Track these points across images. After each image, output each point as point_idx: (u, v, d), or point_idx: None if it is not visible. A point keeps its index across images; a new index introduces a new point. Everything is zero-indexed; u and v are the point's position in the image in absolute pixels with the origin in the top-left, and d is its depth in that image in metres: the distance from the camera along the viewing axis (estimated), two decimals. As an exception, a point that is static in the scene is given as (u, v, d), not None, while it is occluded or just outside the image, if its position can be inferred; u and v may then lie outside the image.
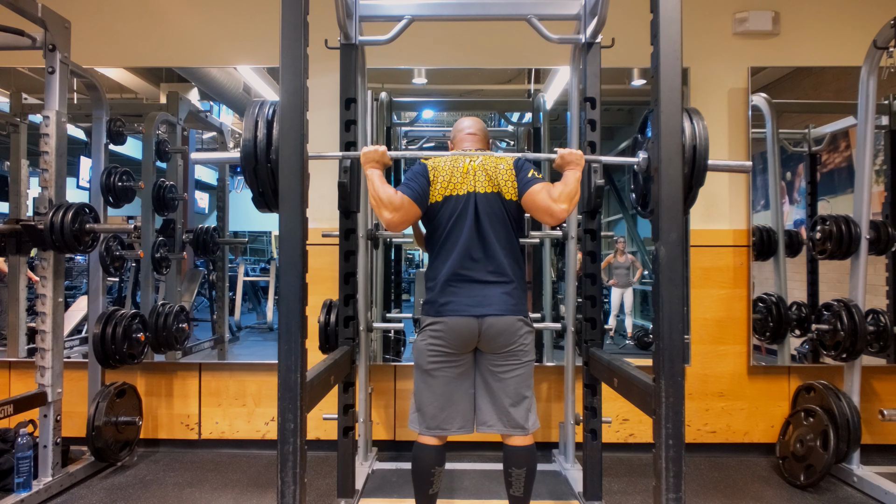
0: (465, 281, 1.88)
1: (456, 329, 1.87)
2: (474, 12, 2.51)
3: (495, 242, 1.88)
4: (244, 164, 1.69)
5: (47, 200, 2.47)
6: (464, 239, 1.88)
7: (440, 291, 1.90)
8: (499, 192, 1.90)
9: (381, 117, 3.30)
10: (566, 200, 1.81)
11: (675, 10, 1.59)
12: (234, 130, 3.75)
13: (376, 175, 1.90)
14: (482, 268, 1.89)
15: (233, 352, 3.59)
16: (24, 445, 2.36)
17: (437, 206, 1.91)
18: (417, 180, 1.91)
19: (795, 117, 3.25)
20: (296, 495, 1.57)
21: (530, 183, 1.87)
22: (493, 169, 1.91)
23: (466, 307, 1.86)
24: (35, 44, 2.48)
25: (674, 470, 1.54)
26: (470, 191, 1.89)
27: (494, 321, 1.86)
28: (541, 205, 1.84)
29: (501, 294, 1.88)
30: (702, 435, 3.10)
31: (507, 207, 1.91)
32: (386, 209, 1.84)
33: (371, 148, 1.93)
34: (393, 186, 1.92)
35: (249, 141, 1.68)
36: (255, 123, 1.69)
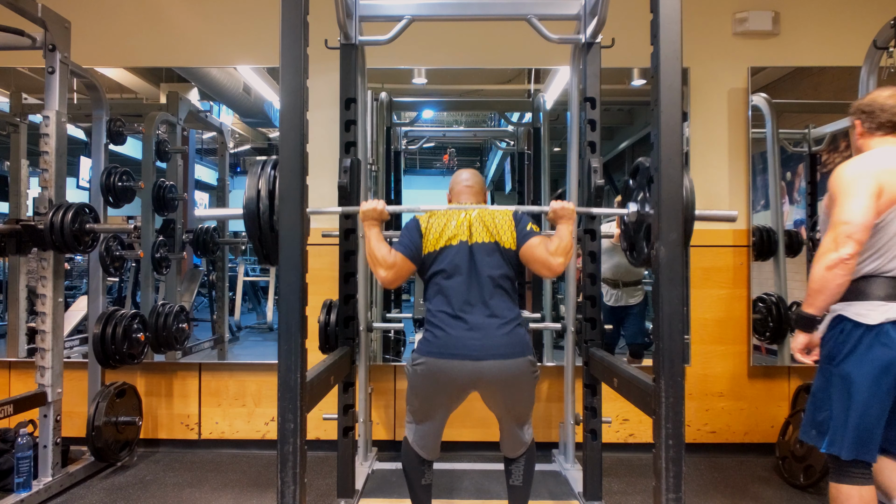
0: (464, 321, 1.82)
1: (447, 376, 1.80)
2: (474, 12, 2.51)
3: (494, 287, 1.85)
4: (247, 220, 1.69)
5: (47, 200, 2.47)
6: (461, 284, 1.85)
7: (436, 322, 1.84)
8: (496, 241, 1.89)
9: (381, 117, 3.30)
10: (563, 254, 1.84)
11: (675, 10, 1.59)
12: (234, 130, 3.75)
13: (374, 234, 1.95)
14: (481, 312, 1.83)
15: (233, 352, 3.59)
16: (24, 445, 2.36)
17: (431, 256, 1.90)
18: (410, 236, 1.93)
19: (795, 117, 3.24)
20: (296, 495, 1.57)
21: (529, 236, 1.90)
22: (490, 220, 1.92)
23: (462, 348, 1.78)
24: (35, 44, 2.48)
25: (674, 470, 1.54)
26: (464, 240, 1.88)
27: (499, 367, 1.78)
28: (539, 258, 1.87)
29: (504, 335, 1.81)
30: (702, 435, 3.10)
31: (506, 255, 1.90)
32: (381, 268, 1.89)
33: (370, 206, 1.96)
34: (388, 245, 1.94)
35: (252, 199, 1.67)
36: (258, 183, 1.69)
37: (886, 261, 1.68)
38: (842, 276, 1.64)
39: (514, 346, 1.81)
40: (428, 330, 1.87)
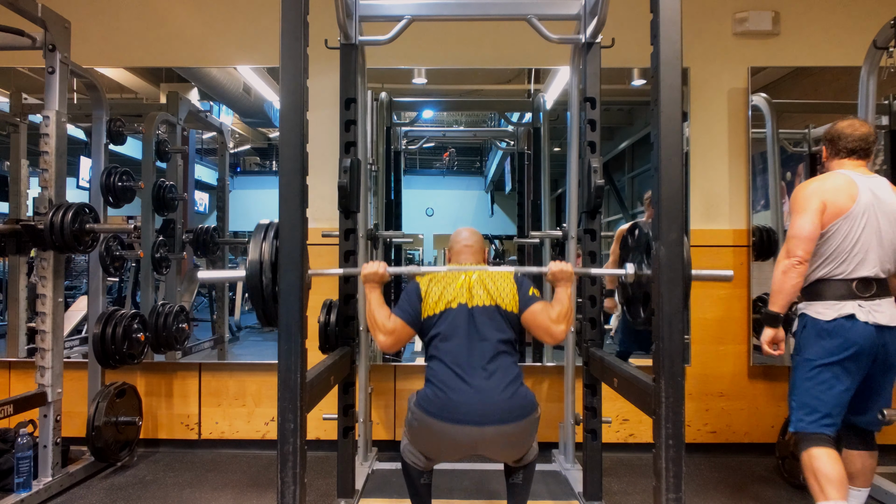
0: (465, 382, 1.78)
1: (449, 440, 1.78)
2: (474, 12, 2.51)
3: (495, 350, 1.83)
4: (249, 281, 1.67)
5: (47, 200, 2.47)
6: (461, 347, 1.83)
7: (436, 389, 1.80)
8: (497, 304, 1.88)
9: (381, 117, 3.30)
10: (564, 321, 1.86)
11: (675, 10, 1.59)
12: (234, 130, 3.75)
13: (375, 297, 1.93)
14: (481, 374, 1.80)
15: (233, 352, 3.59)
16: (24, 445, 2.36)
17: (431, 320, 1.89)
18: (410, 301, 1.93)
19: (795, 117, 3.25)
20: (296, 495, 1.57)
21: (531, 301, 1.90)
22: (490, 283, 1.91)
23: (465, 414, 1.74)
24: (35, 44, 2.48)
25: (674, 470, 1.54)
26: (463, 303, 1.87)
27: (500, 432, 1.75)
28: (542, 325, 1.87)
29: (506, 399, 1.77)
30: (702, 435, 3.10)
31: (507, 318, 1.89)
32: (380, 333, 1.88)
33: (371, 270, 1.94)
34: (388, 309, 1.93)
35: (255, 262, 1.66)
36: (262, 244, 1.68)
37: (835, 266, 1.98)
38: (794, 278, 1.98)
39: (516, 409, 1.77)
40: (428, 386, 1.83)
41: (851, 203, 1.96)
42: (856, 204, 1.96)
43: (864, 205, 1.96)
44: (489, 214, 4.43)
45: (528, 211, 3.50)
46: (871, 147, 2.07)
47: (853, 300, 1.96)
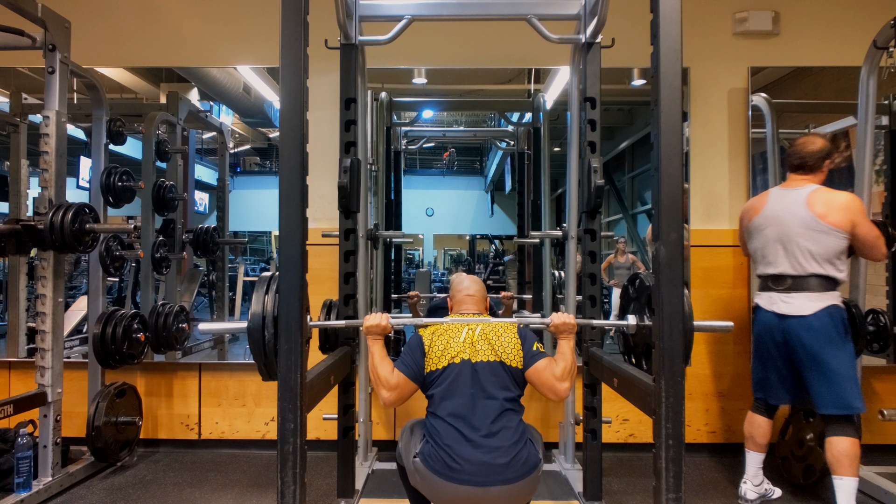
0: (468, 441, 1.75)
1: (448, 499, 1.75)
2: (474, 12, 2.51)
3: (499, 407, 1.81)
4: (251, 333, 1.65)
5: (47, 200, 2.47)
6: (464, 405, 1.80)
7: (438, 447, 1.77)
8: (501, 361, 1.87)
9: (381, 117, 3.30)
10: (568, 378, 1.86)
11: (675, 10, 1.59)
12: (234, 130, 3.75)
13: (377, 350, 1.90)
14: (486, 434, 1.77)
15: (233, 352, 3.59)
16: (24, 445, 2.36)
17: (433, 375, 1.87)
18: (413, 355, 1.90)
19: (795, 117, 3.25)
20: (296, 495, 1.57)
21: (536, 358, 1.88)
22: (494, 338, 1.90)
23: (468, 475, 1.71)
24: (35, 44, 2.48)
25: (674, 470, 1.54)
26: (466, 358, 1.86)
27: (504, 493, 1.72)
28: (546, 383, 1.86)
29: (511, 458, 1.73)
30: (702, 435, 3.10)
31: (511, 374, 1.87)
32: (384, 388, 1.86)
33: (374, 322, 1.92)
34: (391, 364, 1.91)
35: (258, 313, 1.64)
36: (265, 295, 1.66)
37: (757, 265, 2.46)
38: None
39: (521, 468, 1.75)
40: (429, 443, 1.80)
41: (755, 214, 2.42)
42: (758, 216, 2.40)
43: (767, 216, 2.37)
44: (489, 214, 4.43)
45: (528, 211, 3.50)
46: (816, 163, 2.35)
47: (767, 292, 2.39)
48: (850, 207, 2.24)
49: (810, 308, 2.25)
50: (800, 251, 2.28)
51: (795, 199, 2.31)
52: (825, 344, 2.21)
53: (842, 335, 2.22)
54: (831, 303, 2.24)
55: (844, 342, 2.22)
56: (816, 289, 2.26)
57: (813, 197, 2.28)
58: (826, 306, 2.24)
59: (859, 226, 2.23)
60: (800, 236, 2.27)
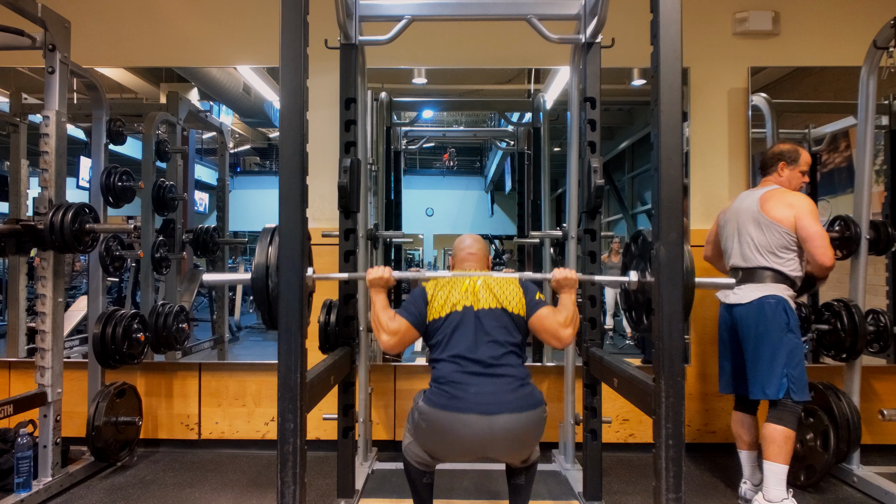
0: (472, 374, 1.78)
1: (457, 435, 1.74)
2: (474, 12, 2.51)
3: (502, 350, 1.83)
4: (255, 284, 1.67)
5: (47, 200, 2.47)
6: (467, 345, 1.82)
7: (443, 385, 1.79)
8: (503, 307, 1.88)
9: (381, 117, 3.30)
10: (571, 325, 1.90)
11: (675, 10, 1.59)
12: (234, 130, 3.75)
13: (380, 300, 1.93)
14: (489, 367, 1.80)
15: (233, 352, 3.59)
16: (24, 445, 2.36)
17: (437, 323, 1.89)
18: (416, 303, 1.93)
19: (795, 117, 3.25)
20: (296, 495, 1.57)
21: (538, 306, 1.91)
22: (497, 287, 1.92)
23: (473, 404, 1.73)
24: (35, 44, 2.48)
25: (674, 470, 1.54)
26: (469, 305, 1.88)
27: (510, 422, 1.72)
28: (549, 329, 1.89)
29: (514, 389, 1.77)
30: (702, 435, 3.10)
31: (514, 320, 1.89)
32: (384, 332, 1.88)
33: (377, 274, 1.94)
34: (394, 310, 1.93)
35: (261, 264, 1.66)
36: (268, 248, 1.68)
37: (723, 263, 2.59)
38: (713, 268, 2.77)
39: (526, 399, 1.77)
40: (435, 385, 1.81)
41: (723, 213, 2.59)
42: (724, 213, 2.57)
43: (728, 213, 2.53)
44: (489, 214, 4.43)
45: (528, 211, 3.50)
46: (770, 163, 2.48)
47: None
48: (794, 205, 2.31)
49: (749, 297, 2.33)
50: (747, 243, 2.39)
51: (753, 197, 2.43)
52: (756, 331, 2.29)
53: (778, 325, 2.25)
54: (771, 293, 2.29)
55: (780, 332, 2.24)
56: (763, 280, 2.33)
57: (767, 194, 2.39)
58: (763, 295, 2.30)
59: (801, 222, 2.28)
60: (748, 229, 2.38)
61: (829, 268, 2.28)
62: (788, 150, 2.46)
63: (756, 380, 2.30)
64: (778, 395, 2.22)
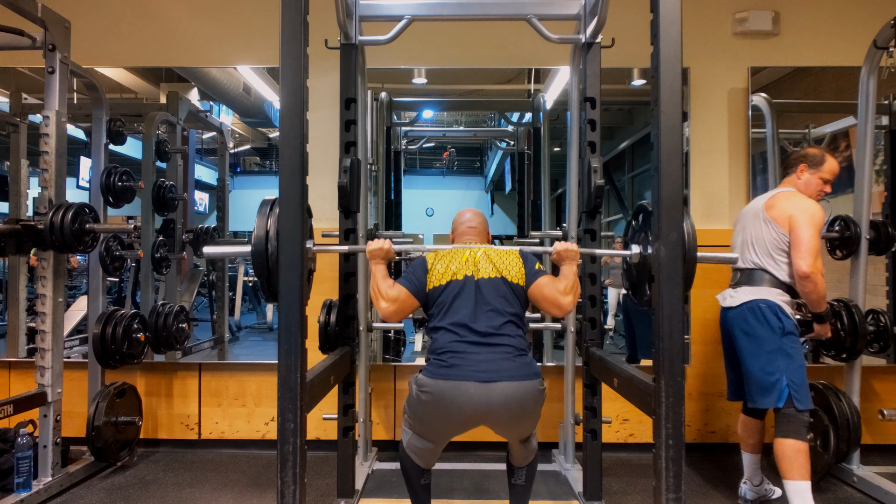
0: (470, 344, 1.78)
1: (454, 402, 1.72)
2: (474, 12, 2.51)
3: (502, 319, 1.83)
4: (255, 256, 1.67)
5: (47, 200, 2.47)
6: (467, 313, 1.82)
7: (441, 355, 1.79)
8: (503, 276, 1.89)
9: (381, 117, 3.30)
10: (571, 293, 1.87)
11: (675, 10, 1.59)
12: (234, 130, 3.75)
13: (379, 271, 1.93)
14: (488, 336, 1.80)
15: (233, 352, 3.59)
16: (24, 445, 2.36)
17: (436, 291, 1.89)
18: (416, 272, 1.93)
19: (795, 117, 3.25)
20: (296, 495, 1.57)
21: (538, 275, 1.91)
22: (496, 257, 1.92)
23: (471, 371, 1.73)
24: (35, 44, 2.48)
25: (674, 470, 1.54)
26: (469, 275, 1.88)
27: (510, 391, 1.71)
28: (548, 296, 1.87)
29: (512, 358, 1.77)
30: (702, 435, 3.10)
31: (514, 290, 1.89)
32: (384, 300, 1.87)
33: (377, 246, 1.95)
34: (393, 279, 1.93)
35: (261, 236, 1.66)
36: (267, 219, 1.68)
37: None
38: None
39: (523, 368, 1.77)
40: (434, 359, 1.80)
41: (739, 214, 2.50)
42: (740, 213, 2.49)
43: (741, 212, 2.47)
44: (489, 214, 4.42)
45: (528, 211, 3.50)
46: (791, 163, 2.40)
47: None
48: (797, 206, 2.21)
49: (738, 300, 2.28)
50: (747, 241, 2.33)
51: (765, 197, 2.37)
52: (746, 336, 2.23)
53: (770, 330, 2.16)
54: (763, 297, 2.22)
55: (774, 337, 2.15)
56: (758, 283, 2.26)
57: (777, 195, 2.32)
58: (752, 299, 2.23)
59: (794, 225, 2.18)
60: (751, 228, 2.33)
61: (804, 276, 2.14)
62: (813, 154, 2.34)
63: (751, 387, 2.21)
64: (778, 403, 2.12)
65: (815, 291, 2.17)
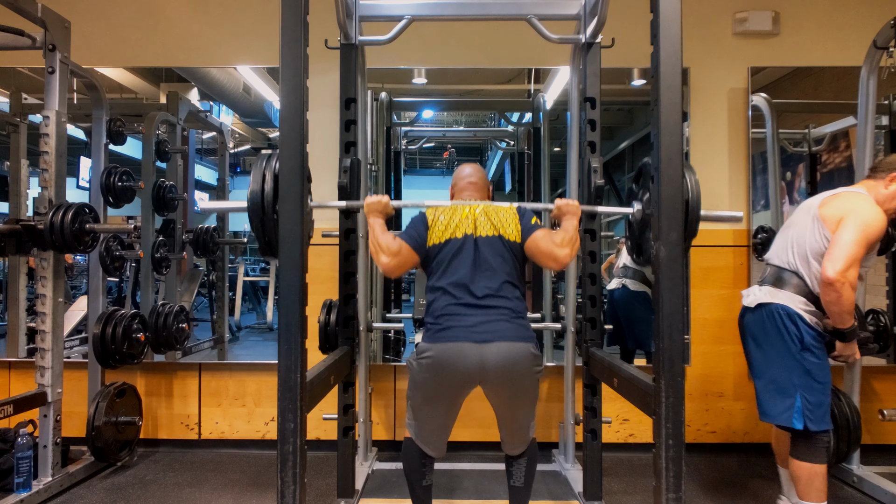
0: (467, 307, 1.81)
1: (451, 363, 1.76)
2: (474, 12, 2.51)
3: (498, 276, 1.85)
4: (251, 211, 1.69)
5: (47, 200, 2.47)
6: (464, 272, 1.84)
7: (439, 319, 1.82)
8: (500, 234, 1.89)
9: (381, 117, 3.30)
10: (569, 245, 1.85)
11: (675, 10, 1.59)
12: (234, 130, 3.75)
13: (378, 224, 1.93)
14: (484, 297, 1.82)
15: (233, 352, 3.59)
16: (24, 445, 2.36)
17: (436, 248, 1.90)
18: (416, 228, 1.94)
19: (795, 117, 3.24)
20: (296, 495, 1.57)
21: (534, 229, 1.90)
22: (494, 214, 1.93)
23: (465, 333, 1.76)
24: (35, 44, 2.48)
25: (674, 470, 1.54)
26: (469, 233, 1.89)
27: (502, 351, 1.74)
28: (545, 250, 1.86)
29: (507, 322, 1.80)
30: (702, 435, 3.10)
31: (510, 247, 1.89)
32: (384, 254, 1.87)
33: (374, 199, 1.96)
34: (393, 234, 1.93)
35: (257, 191, 1.67)
36: (263, 175, 1.69)
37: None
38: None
39: (516, 331, 1.79)
40: (431, 323, 1.83)
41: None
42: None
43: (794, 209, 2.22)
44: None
45: (528, 211, 3.50)
46: (880, 167, 2.11)
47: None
48: (854, 207, 1.94)
49: (757, 300, 2.08)
50: (788, 239, 2.09)
51: (826, 193, 2.09)
52: (758, 343, 2.08)
53: (787, 340, 1.98)
54: (779, 302, 2.01)
55: (791, 349, 1.97)
56: (782, 285, 2.04)
57: (840, 193, 2.06)
58: (771, 302, 2.03)
59: (841, 226, 1.92)
60: (798, 223, 2.09)
61: (828, 282, 1.86)
62: None
63: (760, 400, 2.06)
64: (790, 423, 1.95)
65: (837, 303, 1.89)
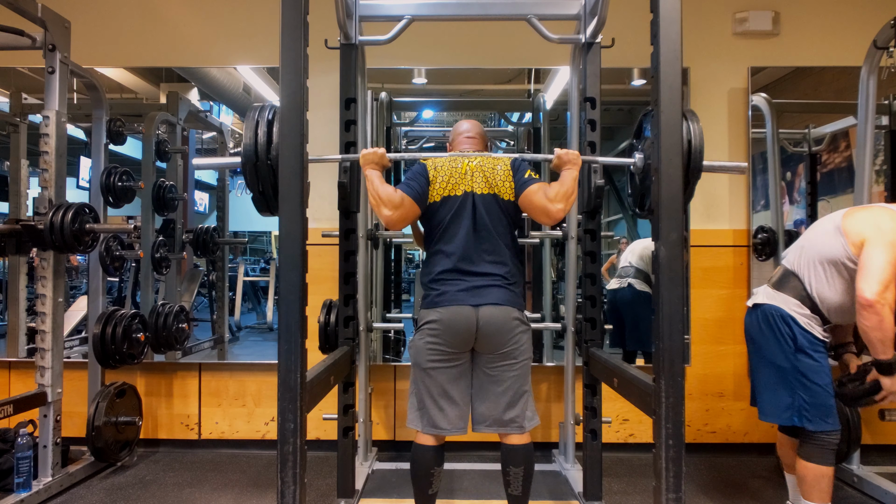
0: (463, 273, 1.89)
1: (453, 323, 1.85)
2: (474, 12, 2.51)
3: (493, 240, 1.90)
4: (245, 164, 1.70)
5: (47, 200, 2.47)
6: (462, 236, 1.89)
7: (437, 284, 1.90)
8: (495, 193, 1.90)
9: (381, 117, 3.30)
10: (563, 200, 1.82)
11: (675, 10, 1.59)
12: (234, 130, 3.75)
13: (375, 175, 1.91)
14: (480, 264, 1.89)
15: (233, 352, 3.59)
16: (24, 445, 2.36)
17: (435, 206, 1.92)
18: (417, 180, 1.92)
19: (795, 117, 3.24)
20: (296, 495, 1.57)
21: (527, 183, 1.89)
22: (489, 170, 1.92)
23: (464, 297, 1.86)
24: (35, 44, 2.48)
25: (674, 470, 1.54)
26: (467, 191, 1.91)
27: (492, 312, 1.85)
28: (537, 205, 1.85)
29: (499, 288, 1.89)
30: (702, 435, 3.10)
31: (505, 208, 1.91)
32: (385, 207, 1.85)
33: (370, 150, 1.94)
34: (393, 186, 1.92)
35: (250, 143, 1.68)
36: (256, 125, 1.70)
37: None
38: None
39: (504, 296, 1.88)
40: (431, 287, 1.91)
41: None
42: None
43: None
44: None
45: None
46: None
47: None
48: (882, 225, 1.83)
49: (756, 300, 2.10)
50: (803, 242, 2.05)
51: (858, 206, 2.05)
52: (753, 343, 2.11)
53: (781, 341, 1.98)
54: (774, 303, 2.01)
55: (785, 351, 1.97)
56: (781, 287, 2.03)
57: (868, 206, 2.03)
58: (767, 303, 2.03)
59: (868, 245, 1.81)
60: (817, 229, 2.03)
61: (867, 304, 1.75)
62: None
63: (760, 400, 2.08)
64: (790, 422, 1.97)
65: (879, 328, 1.76)
